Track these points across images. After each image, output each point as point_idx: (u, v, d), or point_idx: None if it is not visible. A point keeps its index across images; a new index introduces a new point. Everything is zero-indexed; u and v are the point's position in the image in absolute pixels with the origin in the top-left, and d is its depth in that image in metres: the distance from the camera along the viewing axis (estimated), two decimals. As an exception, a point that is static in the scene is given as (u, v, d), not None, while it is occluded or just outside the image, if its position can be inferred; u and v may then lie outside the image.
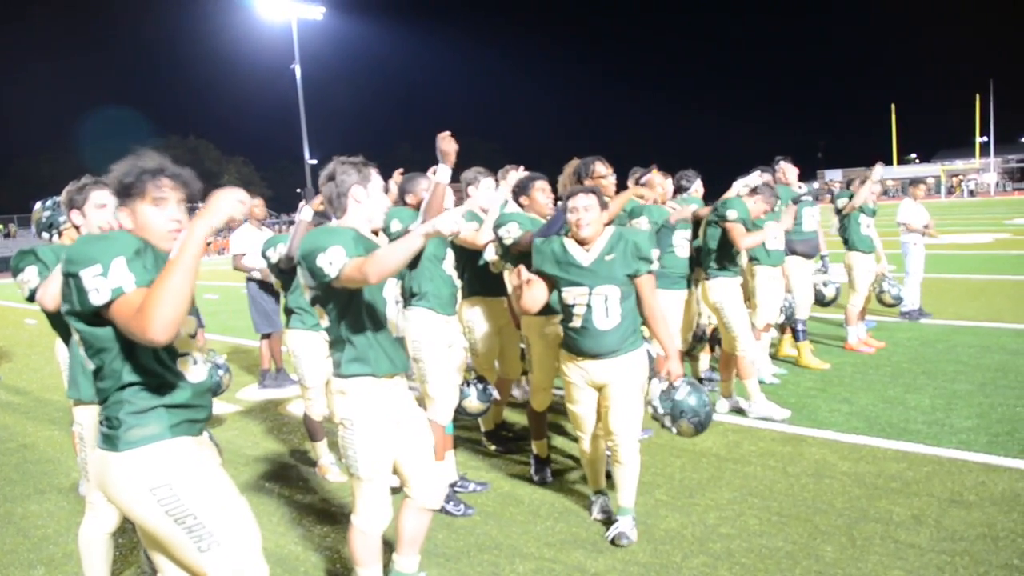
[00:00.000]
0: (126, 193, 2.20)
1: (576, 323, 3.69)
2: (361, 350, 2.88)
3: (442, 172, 3.57)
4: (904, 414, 5.36)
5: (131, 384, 2.13)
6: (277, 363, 7.52)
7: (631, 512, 3.79)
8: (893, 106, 63.91)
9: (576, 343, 3.72)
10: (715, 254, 5.54)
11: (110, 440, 2.13)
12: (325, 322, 2.93)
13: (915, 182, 9.27)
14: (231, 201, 2.06)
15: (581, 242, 3.71)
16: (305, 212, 4.44)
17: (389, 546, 3.35)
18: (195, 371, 2.27)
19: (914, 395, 5.80)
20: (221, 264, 28.46)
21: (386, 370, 2.92)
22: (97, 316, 2.04)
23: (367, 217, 2.96)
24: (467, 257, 4.58)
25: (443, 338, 4.16)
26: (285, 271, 4.54)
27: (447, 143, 3.51)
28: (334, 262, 2.68)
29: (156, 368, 2.15)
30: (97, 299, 1.99)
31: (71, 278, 2.01)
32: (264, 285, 7.31)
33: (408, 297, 4.14)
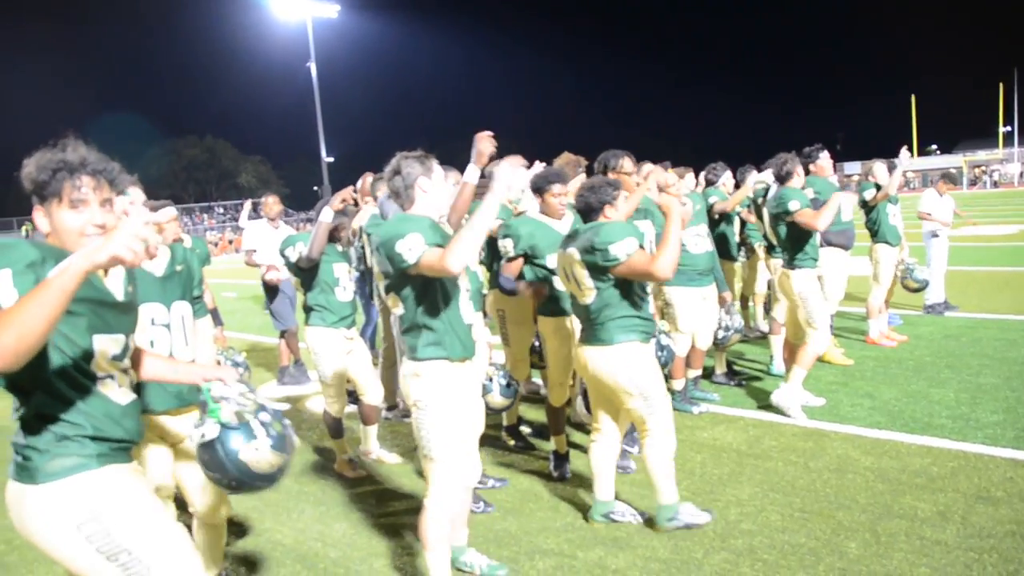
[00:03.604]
0: (40, 193, 1.95)
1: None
2: (437, 335, 2.99)
3: (471, 172, 3.58)
4: (928, 409, 5.29)
5: (47, 411, 1.93)
6: (296, 356, 7.55)
7: None
8: (914, 96, 63.10)
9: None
10: (792, 246, 5.38)
11: (27, 471, 1.93)
12: (400, 309, 3.03)
13: (946, 178, 9.09)
14: (125, 240, 1.68)
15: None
16: (325, 214, 4.44)
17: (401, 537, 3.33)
18: (120, 393, 2.08)
19: (938, 389, 5.72)
20: (238, 262, 28.66)
21: (459, 354, 3.05)
22: None
23: (434, 206, 3.08)
24: (495, 249, 4.61)
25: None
26: (305, 270, 4.54)
27: (485, 143, 3.48)
28: (413, 248, 2.79)
29: (72, 394, 1.95)
30: None
31: None
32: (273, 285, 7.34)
33: None
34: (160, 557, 2.00)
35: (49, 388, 1.92)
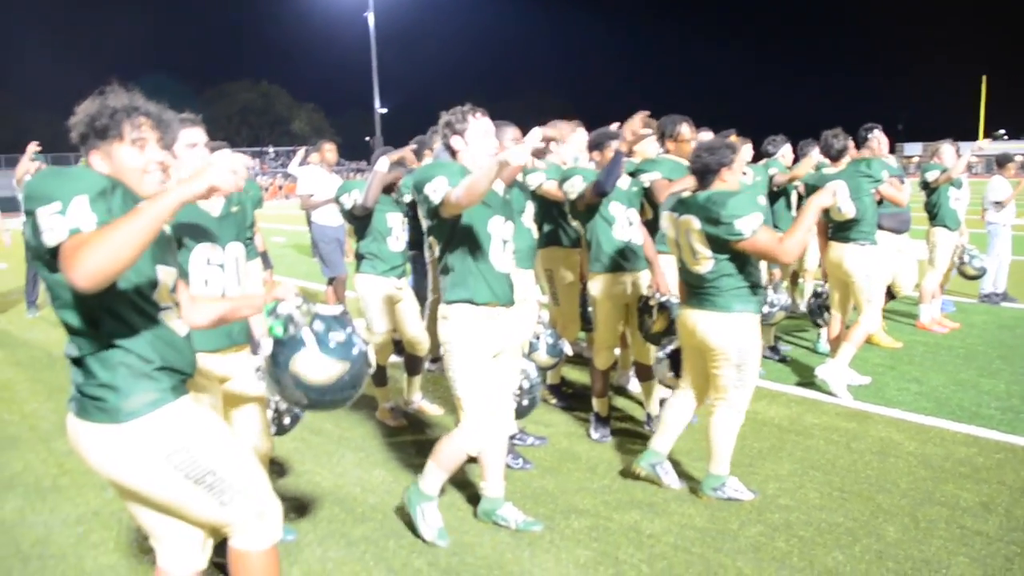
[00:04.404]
0: (100, 135, 2.01)
1: None
2: (461, 277, 3.21)
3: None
4: (976, 398, 5.19)
5: (118, 342, 1.98)
6: (341, 304, 7.65)
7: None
8: (984, 78, 60.63)
9: None
10: (862, 220, 5.27)
11: (105, 412, 1.97)
12: (437, 251, 3.28)
13: (1002, 161, 8.77)
14: (222, 171, 1.84)
15: None
16: (381, 163, 4.47)
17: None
18: (179, 325, 2.18)
19: (988, 379, 5.60)
20: (287, 207, 29.00)
21: (485, 298, 3.21)
22: (56, 260, 1.81)
23: (476, 158, 3.22)
24: (548, 208, 4.62)
25: (518, 292, 4.21)
26: (359, 218, 4.59)
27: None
28: (438, 190, 3.06)
29: (142, 324, 2.01)
30: (51, 239, 1.78)
31: (29, 216, 1.82)
32: (327, 229, 7.42)
33: None
34: (238, 472, 2.16)
35: (119, 318, 1.97)
